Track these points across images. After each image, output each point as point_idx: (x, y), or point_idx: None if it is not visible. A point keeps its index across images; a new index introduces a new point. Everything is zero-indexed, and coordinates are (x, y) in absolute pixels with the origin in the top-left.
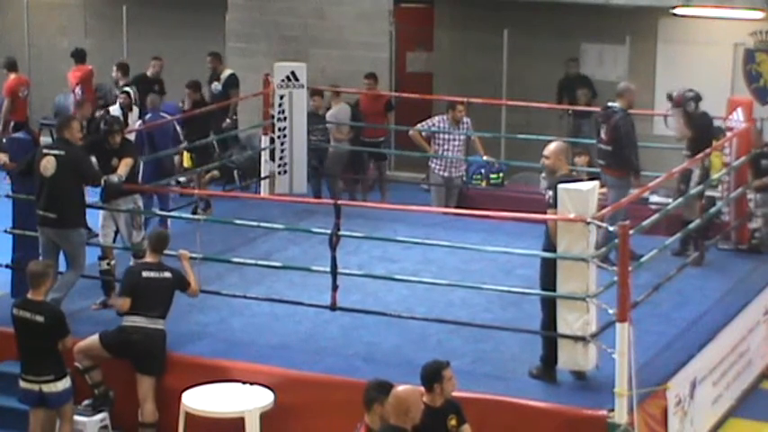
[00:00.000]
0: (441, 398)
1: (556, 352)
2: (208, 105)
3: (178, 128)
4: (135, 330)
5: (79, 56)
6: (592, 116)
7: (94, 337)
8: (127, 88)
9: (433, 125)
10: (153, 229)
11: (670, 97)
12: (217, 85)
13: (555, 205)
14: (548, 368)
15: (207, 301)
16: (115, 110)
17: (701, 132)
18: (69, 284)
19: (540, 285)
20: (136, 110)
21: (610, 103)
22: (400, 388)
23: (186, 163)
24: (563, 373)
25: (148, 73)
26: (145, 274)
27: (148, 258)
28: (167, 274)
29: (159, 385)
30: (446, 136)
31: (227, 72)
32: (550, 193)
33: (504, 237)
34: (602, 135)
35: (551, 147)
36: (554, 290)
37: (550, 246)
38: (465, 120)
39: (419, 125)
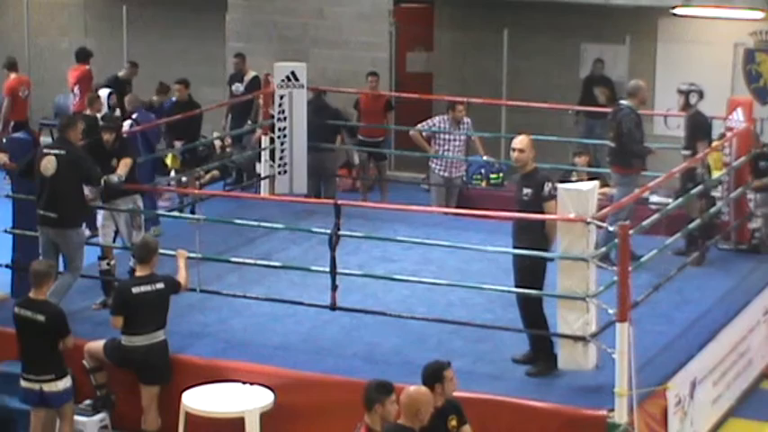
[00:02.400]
0: (441, 398)
1: (547, 345)
2: (197, 105)
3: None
4: (134, 349)
5: (80, 55)
6: (605, 117)
7: (100, 344)
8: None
9: (434, 125)
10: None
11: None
12: (239, 86)
13: (534, 201)
14: (544, 364)
15: (207, 302)
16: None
17: (695, 129)
18: (66, 288)
19: (516, 285)
20: (117, 111)
21: (621, 102)
22: (412, 388)
23: (171, 163)
24: (563, 373)
25: (120, 74)
26: (135, 290)
27: (138, 272)
28: (160, 285)
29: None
30: (446, 136)
31: (251, 74)
32: (526, 190)
33: (504, 237)
34: (610, 132)
35: (523, 139)
36: (533, 288)
37: (526, 242)
38: (465, 120)
39: (419, 125)
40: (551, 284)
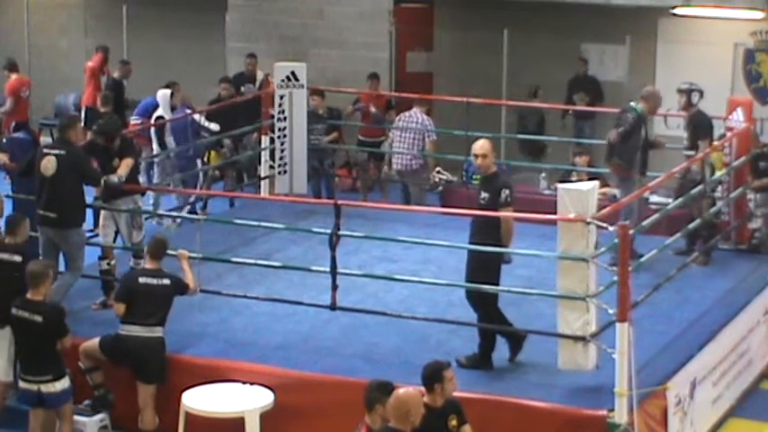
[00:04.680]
0: (441, 398)
1: (490, 344)
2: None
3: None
4: (130, 339)
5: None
6: (594, 118)
7: (95, 341)
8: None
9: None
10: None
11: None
12: (251, 87)
13: (491, 205)
14: (483, 358)
15: (207, 302)
16: None
17: (697, 129)
18: (67, 287)
19: (467, 280)
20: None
21: (632, 104)
22: (401, 390)
23: (213, 160)
24: (563, 373)
25: (115, 75)
26: (142, 280)
27: (147, 264)
28: (166, 281)
29: (159, 385)
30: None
31: (261, 75)
32: (483, 194)
33: None
34: (614, 132)
35: (483, 144)
36: (483, 283)
37: (476, 241)
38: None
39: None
40: (552, 284)
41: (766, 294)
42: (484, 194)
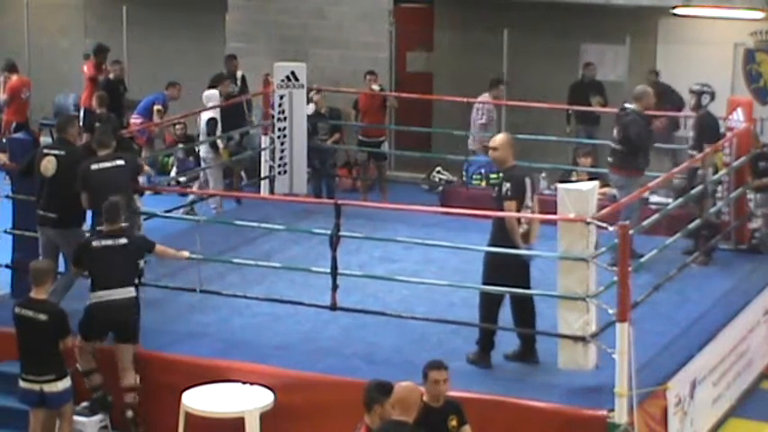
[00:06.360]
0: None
1: (490, 341)
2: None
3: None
4: (104, 304)
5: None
6: (600, 122)
7: (78, 336)
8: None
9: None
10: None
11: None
12: (233, 87)
13: (502, 198)
14: (484, 354)
15: (207, 301)
16: None
17: (702, 131)
18: (67, 288)
19: (483, 280)
20: None
21: (626, 105)
22: (402, 383)
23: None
24: (563, 373)
25: (111, 76)
26: (95, 243)
27: (104, 228)
28: (123, 241)
29: (159, 385)
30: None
31: (239, 73)
32: (497, 188)
33: None
34: (615, 134)
35: (500, 138)
36: (494, 284)
37: (496, 240)
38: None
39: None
40: (552, 284)
41: (766, 294)
42: (497, 188)
